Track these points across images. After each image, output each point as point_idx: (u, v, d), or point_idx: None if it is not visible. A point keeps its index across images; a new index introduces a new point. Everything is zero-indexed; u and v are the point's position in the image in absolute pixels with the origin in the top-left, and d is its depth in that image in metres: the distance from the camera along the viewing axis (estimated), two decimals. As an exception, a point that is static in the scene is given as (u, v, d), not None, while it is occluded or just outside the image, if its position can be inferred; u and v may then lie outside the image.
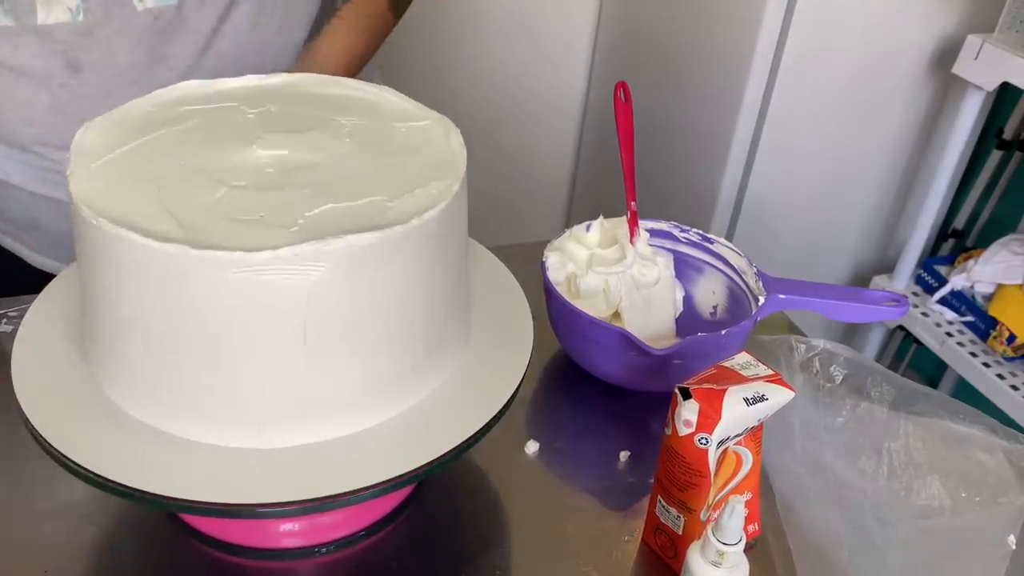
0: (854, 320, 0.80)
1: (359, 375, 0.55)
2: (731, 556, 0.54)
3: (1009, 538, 0.60)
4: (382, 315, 0.54)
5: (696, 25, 1.61)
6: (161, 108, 0.63)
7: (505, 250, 0.73)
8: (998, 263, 1.57)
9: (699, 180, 1.64)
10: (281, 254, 0.49)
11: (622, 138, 0.82)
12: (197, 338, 0.52)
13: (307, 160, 0.58)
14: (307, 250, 0.49)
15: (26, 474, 0.68)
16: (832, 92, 1.55)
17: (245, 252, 0.49)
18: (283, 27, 0.92)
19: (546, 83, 2.00)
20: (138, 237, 0.49)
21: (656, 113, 1.71)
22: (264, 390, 0.53)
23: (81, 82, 0.81)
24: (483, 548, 0.65)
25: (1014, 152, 1.70)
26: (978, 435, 0.64)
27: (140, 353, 0.54)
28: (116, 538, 0.65)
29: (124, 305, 0.53)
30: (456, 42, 1.90)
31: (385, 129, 0.63)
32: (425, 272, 0.56)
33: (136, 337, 0.54)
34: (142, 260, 0.50)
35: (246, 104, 0.64)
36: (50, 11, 0.77)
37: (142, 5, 0.80)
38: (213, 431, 0.55)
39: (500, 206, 2.03)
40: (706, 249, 0.85)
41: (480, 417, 0.58)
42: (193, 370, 0.53)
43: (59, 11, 0.77)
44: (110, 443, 0.54)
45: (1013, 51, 1.38)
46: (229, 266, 0.49)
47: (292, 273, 0.50)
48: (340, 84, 0.68)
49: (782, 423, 0.66)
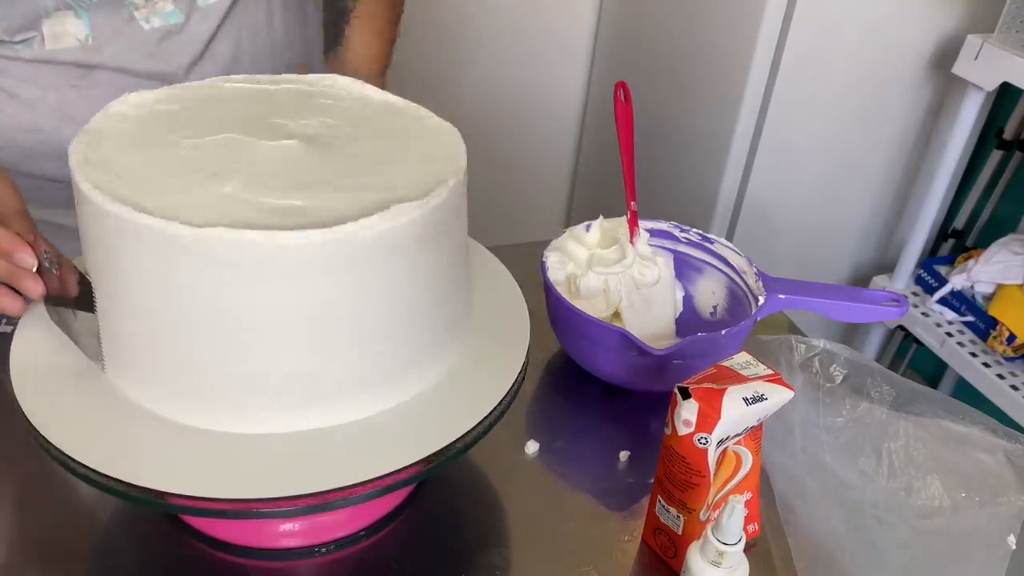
0: (854, 320, 0.80)
1: (360, 364, 0.56)
2: (731, 556, 0.54)
3: (1009, 538, 0.60)
4: (385, 306, 0.55)
5: (696, 25, 1.61)
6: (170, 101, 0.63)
7: (505, 250, 0.73)
8: (998, 263, 1.57)
9: (699, 180, 1.64)
10: (286, 242, 0.49)
11: (622, 138, 0.82)
12: (201, 324, 0.52)
13: (313, 153, 0.58)
14: (312, 239, 0.50)
15: (26, 474, 0.68)
16: (832, 92, 1.55)
17: (252, 238, 0.49)
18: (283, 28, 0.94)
19: (546, 83, 2.00)
20: (146, 218, 0.49)
21: (656, 113, 1.71)
22: (265, 377, 0.54)
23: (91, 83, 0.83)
24: (483, 548, 0.65)
25: (1014, 152, 1.70)
26: (978, 435, 0.64)
27: (143, 339, 0.54)
28: (116, 538, 0.65)
29: (129, 291, 0.53)
30: (456, 42, 1.90)
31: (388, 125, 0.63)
32: (427, 265, 0.56)
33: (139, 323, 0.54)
34: (147, 242, 0.50)
35: (255, 100, 0.65)
36: (58, 42, 0.79)
37: (148, 25, 0.82)
38: (215, 417, 0.55)
39: (500, 206, 2.03)
40: (706, 249, 0.85)
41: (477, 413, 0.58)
42: (196, 355, 0.53)
43: (68, 41, 0.79)
44: (111, 443, 0.54)
45: (1013, 51, 1.38)
46: (236, 251, 0.49)
47: (297, 262, 0.50)
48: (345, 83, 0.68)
49: (782, 423, 0.66)
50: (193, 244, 0.49)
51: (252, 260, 0.50)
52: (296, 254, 0.50)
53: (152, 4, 0.81)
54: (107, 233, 0.52)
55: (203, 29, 0.86)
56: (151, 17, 0.82)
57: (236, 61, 0.90)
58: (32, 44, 0.79)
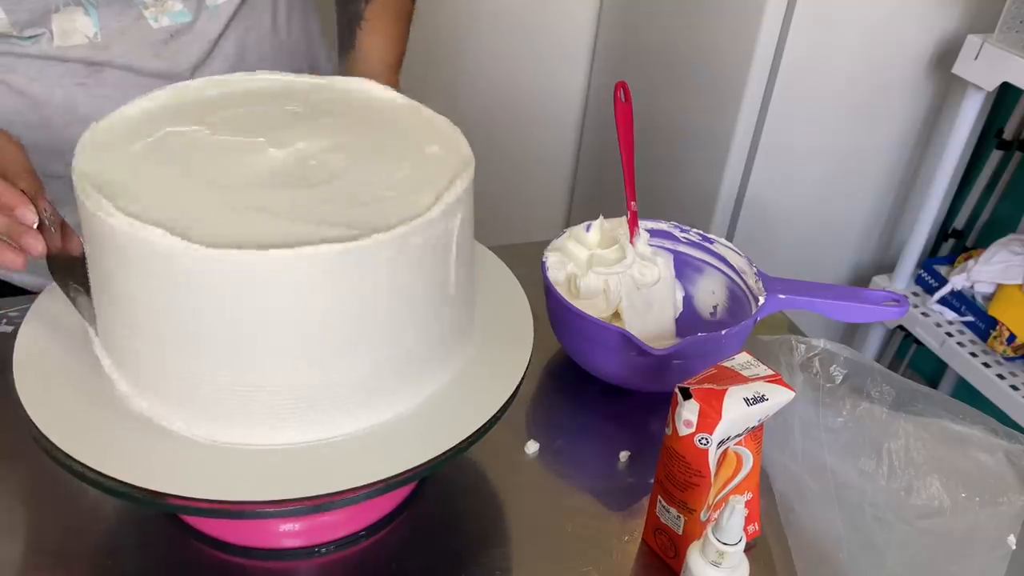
0: (854, 320, 0.80)
1: (364, 374, 0.55)
2: (731, 556, 0.54)
3: (1009, 538, 0.60)
4: (388, 314, 0.54)
5: (696, 25, 1.61)
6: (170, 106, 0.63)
7: (505, 250, 0.73)
8: (998, 263, 1.57)
9: (699, 180, 1.64)
10: (289, 253, 0.49)
11: (622, 138, 0.82)
12: (203, 335, 0.52)
13: (316, 159, 0.58)
14: (315, 250, 0.49)
15: (26, 474, 0.68)
16: (832, 92, 1.55)
17: (254, 250, 0.49)
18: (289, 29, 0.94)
19: (546, 83, 2.00)
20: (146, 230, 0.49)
21: (656, 113, 1.71)
22: (267, 387, 0.53)
23: (98, 82, 0.83)
24: (483, 548, 0.65)
25: (1014, 152, 1.70)
26: (978, 435, 0.64)
27: (143, 348, 0.54)
28: (116, 538, 0.65)
29: (131, 301, 0.53)
30: (456, 42, 1.90)
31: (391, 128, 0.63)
32: (431, 272, 0.56)
33: (141, 333, 0.54)
34: (149, 255, 0.50)
35: (260, 104, 0.64)
36: (67, 39, 0.80)
37: (157, 24, 0.82)
38: (217, 428, 0.55)
39: (500, 206, 2.02)
40: (706, 249, 0.85)
41: (480, 417, 0.58)
42: (198, 366, 0.53)
43: (77, 38, 0.80)
44: (111, 443, 0.54)
45: (1013, 51, 1.38)
46: (238, 263, 0.49)
47: (300, 272, 0.50)
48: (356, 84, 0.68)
49: (782, 423, 0.66)
50: (196, 259, 0.49)
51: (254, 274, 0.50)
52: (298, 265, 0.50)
53: (161, 3, 0.81)
54: (107, 245, 0.52)
55: (211, 28, 0.86)
56: (160, 16, 0.82)
57: (243, 61, 0.90)
58: (40, 40, 0.79)
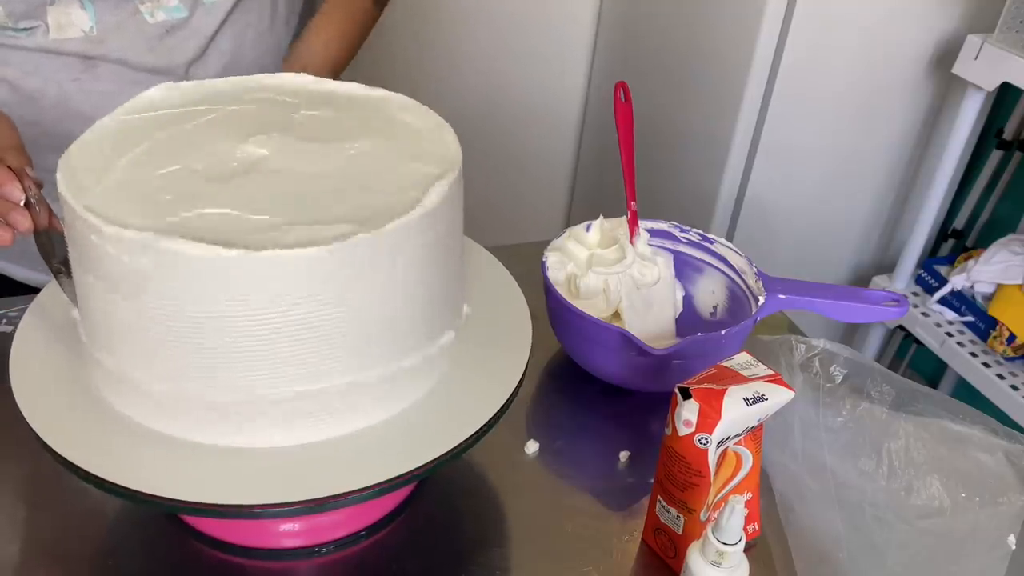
0: (854, 320, 0.80)
1: (361, 375, 0.55)
2: (731, 556, 0.54)
3: (1009, 538, 0.60)
4: (380, 312, 0.54)
5: (696, 26, 1.61)
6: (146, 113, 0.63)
7: (505, 250, 0.73)
8: (998, 263, 1.57)
9: (699, 180, 1.64)
10: (278, 254, 0.49)
11: (622, 138, 0.82)
12: (194, 336, 0.52)
13: (299, 159, 0.58)
14: (304, 250, 0.49)
15: (27, 474, 0.68)
16: (832, 92, 1.55)
17: (242, 250, 0.49)
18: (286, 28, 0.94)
19: (546, 83, 2.00)
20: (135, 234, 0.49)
21: (656, 114, 1.71)
22: (263, 388, 0.53)
23: (93, 77, 0.83)
24: (483, 548, 0.65)
25: (1014, 152, 1.70)
26: (978, 435, 0.64)
27: (134, 352, 0.54)
28: (116, 538, 0.65)
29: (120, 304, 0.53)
30: (456, 43, 1.90)
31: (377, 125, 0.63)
32: (422, 269, 0.56)
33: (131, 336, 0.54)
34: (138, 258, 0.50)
35: (234, 103, 0.64)
36: (63, 32, 0.80)
37: (153, 19, 0.82)
38: (212, 431, 0.55)
39: (500, 206, 2.02)
40: (706, 249, 0.85)
41: (479, 417, 0.58)
42: (191, 368, 0.53)
43: (72, 31, 0.80)
44: (110, 444, 0.55)
45: (1013, 51, 1.38)
46: (226, 264, 0.49)
47: (290, 272, 0.50)
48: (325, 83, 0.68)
49: (782, 423, 0.66)
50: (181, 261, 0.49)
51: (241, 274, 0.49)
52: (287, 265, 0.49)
53: None
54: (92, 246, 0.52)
55: (206, 25, 0.86)
56: (155, 11, 0.82)
57: (238, 59, 0.90)
58: (36, 33, 0.79)
